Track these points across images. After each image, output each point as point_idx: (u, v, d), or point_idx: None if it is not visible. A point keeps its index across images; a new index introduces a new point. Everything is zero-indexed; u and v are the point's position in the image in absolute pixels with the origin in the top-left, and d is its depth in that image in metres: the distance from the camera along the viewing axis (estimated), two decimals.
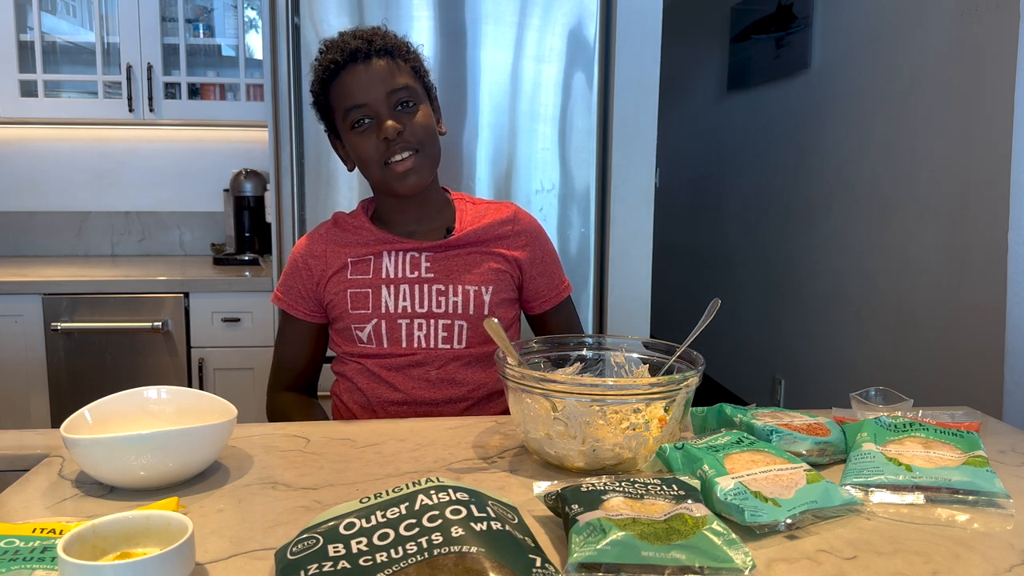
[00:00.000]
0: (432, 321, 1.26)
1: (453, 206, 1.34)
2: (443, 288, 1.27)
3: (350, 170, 1.31)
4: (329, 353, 1.38)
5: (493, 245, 1.31)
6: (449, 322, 1.26)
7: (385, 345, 1.26)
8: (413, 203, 1.29)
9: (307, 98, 2.01)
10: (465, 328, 1.27)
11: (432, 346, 1.26)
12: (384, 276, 1.27)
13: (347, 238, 1.30)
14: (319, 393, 1.40)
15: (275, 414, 1.34)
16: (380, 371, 1.27)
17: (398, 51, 1.24)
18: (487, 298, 1.28)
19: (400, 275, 1.27)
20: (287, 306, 1.33)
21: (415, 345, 1.26)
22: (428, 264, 1.27)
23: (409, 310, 1.26)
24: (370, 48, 1.21)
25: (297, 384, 1.36)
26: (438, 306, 1.26)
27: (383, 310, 1.26)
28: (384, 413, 1.28)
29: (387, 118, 1.20)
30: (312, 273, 1.30)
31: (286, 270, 1.34)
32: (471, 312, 1.27)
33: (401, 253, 1.28)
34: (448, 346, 1.27)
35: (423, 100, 1.25)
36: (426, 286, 1.26)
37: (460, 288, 1.27)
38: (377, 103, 1.20)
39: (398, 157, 1.21)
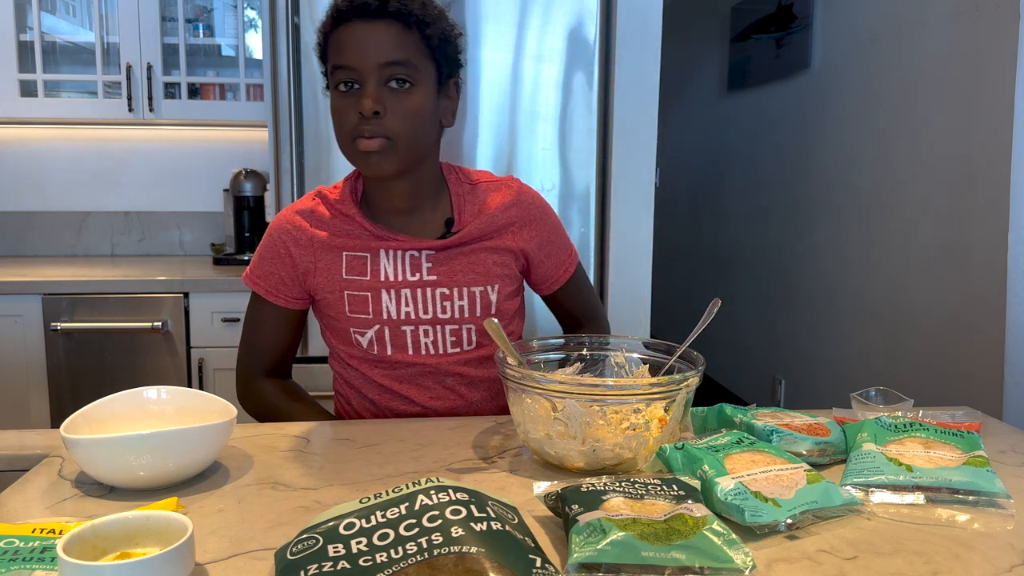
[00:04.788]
0: (439, 327, 1.19)
1: (448, 190, 1.22)
2: (447, 292, 1.18)
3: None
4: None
5: (498, 237, 1.21)
6: (456, 327, 1.20)
7: (389, 352, 1.20)
8: (396, 187, 1.17)
9: (307, 98, 2.03)
10: (473, 330, 1.21)
11: (442, 352, 1.21)
12: (383, 279, 1.17)
13: (337, 227, 1.18)
14: (318, 393, 1.37)
15: (260, 405, 1.24)
16: (391, 383, 1.21)
17: (414, 18, 1.07)
18: (493, 297, 1.21)
19: (400, 278, 1.18)
20: (264, 292, 1.21)
21: (423, 352, 1.20)
22: (429, 265, 1.18)
23: (413, 316, 1.18)
24: (382, 6, 1.06)
25: (275, 370, 1.26)
26: (443, 311, 1.19)
27: (385, 316, 1.18)
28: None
29: (370, 93, 1.06)
30: (296, 264, 1.19)
31: (263, 251, 1.21)
32: (478, 314, 1.20)
33: (400, 252, 1.18)
34: (458, 350, 1.21)
35: (424, 83, 1.10)
36: (429, 290, 1.18)
37: (465, 291, 1.19)
38: (366, 71, 1.06)
39: (366, 139, 1.08)
